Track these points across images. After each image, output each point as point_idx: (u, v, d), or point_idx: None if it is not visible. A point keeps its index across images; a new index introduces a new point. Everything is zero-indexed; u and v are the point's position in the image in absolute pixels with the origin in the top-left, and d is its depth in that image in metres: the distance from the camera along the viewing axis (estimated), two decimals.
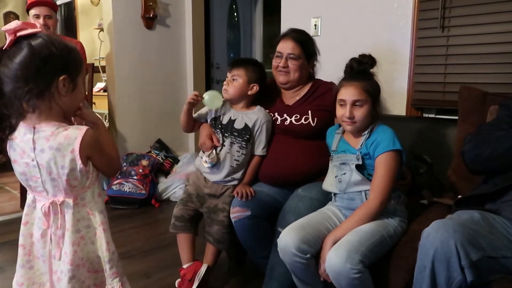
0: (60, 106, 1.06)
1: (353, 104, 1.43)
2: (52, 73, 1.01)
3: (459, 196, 1.45)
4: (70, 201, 1.09)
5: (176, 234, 1.81)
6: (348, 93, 1.44)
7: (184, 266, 1.77)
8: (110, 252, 1.14)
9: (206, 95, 1.71)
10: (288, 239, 1.38)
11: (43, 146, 1.04)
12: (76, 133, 1.04)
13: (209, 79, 4.07)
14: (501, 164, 1.34)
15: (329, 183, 1.54)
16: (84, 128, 1.05)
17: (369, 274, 1.29)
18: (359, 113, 1.43)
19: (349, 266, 1.24)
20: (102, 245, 1.13)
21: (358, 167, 1.44)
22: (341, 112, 1.46)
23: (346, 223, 1.41)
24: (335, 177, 1.50)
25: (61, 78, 1.02)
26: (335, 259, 1.27)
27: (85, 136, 1.04)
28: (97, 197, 1.14)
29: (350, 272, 1.24)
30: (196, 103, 1.75)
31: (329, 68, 1.88)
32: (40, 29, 1.03)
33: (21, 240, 1.14)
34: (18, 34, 0.99)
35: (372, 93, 1.44)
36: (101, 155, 1.11)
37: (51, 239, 1.10)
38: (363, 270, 1.26)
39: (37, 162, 1.05)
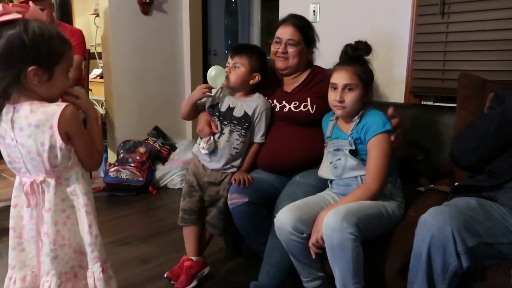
0: (37, 93, 1.06)
1: (344, 88, 1.44)
2: (20, 63, 1.01)
3: (456, 183, 1.46)
4: (51, 181, 1.08)
5: (184, 227, 1.79)
6: (339, 77, 1.44)
7: (193, 258, 1.77)
8: (93, 235, 1.13)
9: (213, 70, 1.64)
10: (285, 218, 1.39)
11: (22, 125, 1.04)
12: (55, 109, 1.04)
13: (206, 65, 4.04)
14: (483, 153, 1.34)
15: (324, 170, 1.54)
16: (63, 104, 1.05)
17: (362, 250, 1.28)
18: (350, 97, 1.44)
19: (345, 224, 1.25)
20: (84, 228, 1.13)
21: (352, 153, 1.45)
22: (332, 96, 1.47)
23: (344, 201, 1.41)
24: (330, 163, 1.50)
25: (30, 68, 1.01)
26: (333, 218, 1.28)
27: (63, 112, 1.04)
28: (81, 178, 1.13)
29: (345, 230, 1.24)
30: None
31: (327, 54, 1.85)
32: (20, 16, 1.02)
33: (11, 223, 1.14)
34: None
35: (364, 79, 1.44)
36: (82, 137, 1.10)
37: (37, 219, 1.10)
38: (357, 236, 1.25)
39: (16, 141, 1.05)
